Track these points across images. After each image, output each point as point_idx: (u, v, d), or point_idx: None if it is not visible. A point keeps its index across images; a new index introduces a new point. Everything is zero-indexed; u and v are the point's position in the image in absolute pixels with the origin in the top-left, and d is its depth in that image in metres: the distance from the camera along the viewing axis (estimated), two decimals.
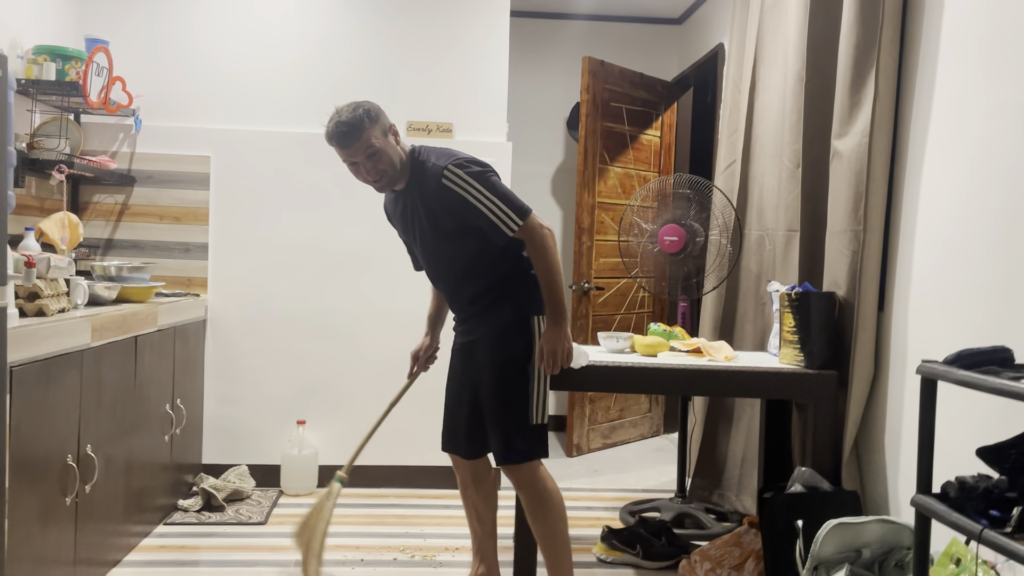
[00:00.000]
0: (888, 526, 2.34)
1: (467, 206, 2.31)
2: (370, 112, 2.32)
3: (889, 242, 2.71)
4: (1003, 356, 1.76)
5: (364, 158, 2.31)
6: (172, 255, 3.72)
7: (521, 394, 2.39)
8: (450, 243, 2.41)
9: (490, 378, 2.42)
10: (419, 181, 2.38)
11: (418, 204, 2.40)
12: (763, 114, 3.44)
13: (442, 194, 2.32)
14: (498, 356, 2.41)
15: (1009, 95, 2.15)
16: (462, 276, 2.45)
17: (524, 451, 2.38)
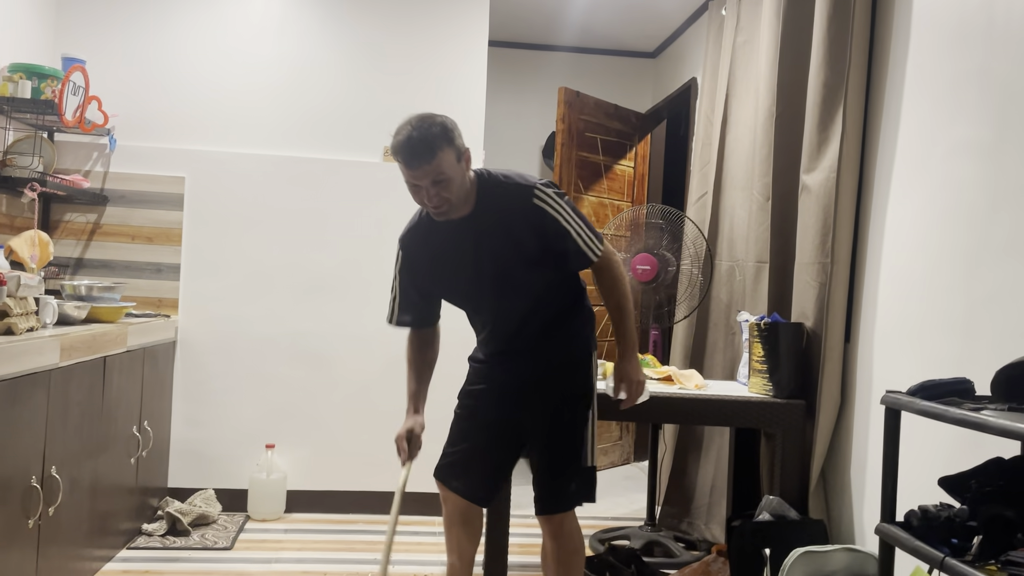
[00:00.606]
0: (854, 555, 2.38)
1: (559, 229, 2.15)
2: (448, 131, 2.05)
3: (855, 275, 2.77)
4: (964, 387, 1.81)
5: (430, 183, 2.04)
6: (143, 275, 3.69)
7: (582, 434, 2.26)
8: (530, 270, 2.20)
9: (557, 420, 2.25)
10: (497, 205, 2.15)
11: (494, 230, 2.16)
12: (734, 147, 3.51)
13: (532, 215, 2.13)
14: (567, 395, 2.26)
15: (969, 135, 2.23)
16: (534, 308, 2.25)
17: (580, 495, 2.26)
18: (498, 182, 2.17)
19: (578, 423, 2.25)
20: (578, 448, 2.25)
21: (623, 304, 2.25)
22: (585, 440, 2.25)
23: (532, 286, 2.22)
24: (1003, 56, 2.12)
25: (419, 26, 3.88)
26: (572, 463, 2.24)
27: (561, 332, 2.28)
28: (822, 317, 2.77)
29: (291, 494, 3.74)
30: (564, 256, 2.19)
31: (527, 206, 2.13)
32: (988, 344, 2.10)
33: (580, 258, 2.19)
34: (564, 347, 2.29)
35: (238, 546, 3.30)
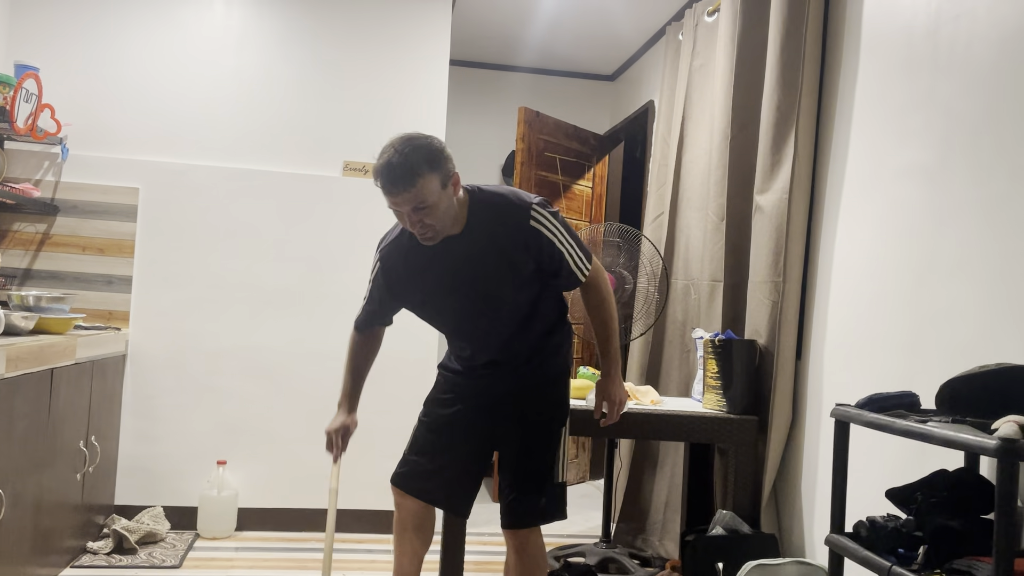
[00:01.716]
0: (804, 568, 2.41)
1: (554, 252, 2.13)
2: (433, 155, 1.98)
3: (807, 293, 2.84)
4: (910, 401, 1.87)
5: (410, 209, 1.98)
6: (93, 287, 3.62)
7: (555, 451, 2.26)
8: (520, 291, 2.18)
9: (530, 436, 2.25)
10: (490, 224, 2.12)
11: (486, 250, 2.12)
12: (690, 169, 3.58)
13: (528, 237, 2.10)
14: (546, 411, 2.27)
15: (915, 158, 2.31)
16: (520, 328, 2.23)
17: (549, 511, 2.26)
18: (492, 201, 2.13)
19: (552, 440, 2.25)
20: (550, 464, 2.25)
21: (609, 322, 2.24)
22: (557, 457, 2.26)
23: (521, 307, 2.20)
24: (947, 83, 2.20)
25: (380, 43, 3.89)
26: (543, 479, 2.24)
27: (542, 350, 2.28)
28: (774, 334, 2.83)
29: (242, 512, 3.68)
30: (555, 276, 2.18)
31: (523, 226, 2.09)
32: (934, 360, 2.16)
33: (571, 279, 2.18)
34: (543, 365, 2.29)
35: (187, 564, 3.23)
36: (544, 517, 2.25)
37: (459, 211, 2.09)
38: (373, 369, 2.46)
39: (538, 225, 2.09)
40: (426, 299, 2.25)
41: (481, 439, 2.32)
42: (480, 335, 2.26)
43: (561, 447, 2.27)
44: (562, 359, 2.32)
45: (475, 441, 2.32)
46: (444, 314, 2.29)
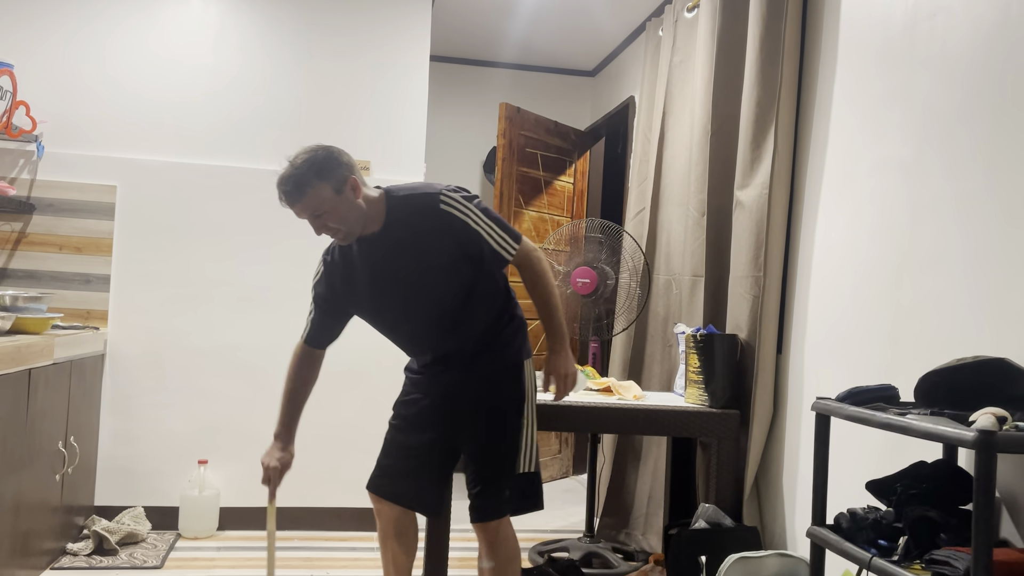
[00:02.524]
0: (786, 560, 2.43)
1: (468, 231, 2.17)
2: (321, 165, 2.09)
3: (787, 287, 2.86)
4: (889, 394, 1.89)
5: (310, 216, 2.11)
6: (71, 286, 3.58)
7: (515, 442, 2.26)
8: (448, 278, 2.22)
9: (486, 427, 2.27)
10: (405, 217, 2.19)
11: (406, 242, 2.20)
12: (671, 164, 3.59)
13: (441, 221, 2.16)
14: (494, 401, 2.27)
15: (893, 152, 2.33)
16: (453, 317, 2.26)
17: (510, 502, 2.26)
18: (405, 196, 2.22)
19: (509, 431, 2.26)
20: (511, 455, 2.25)
21: (548, 299, 2.27)
22: (519, 447, 2.26)
23: (455, 297, 2.23)
24: (923, 78, 2.22)
25: (360, 39, 3.87)
26: (504, 470, 2.25)
27: (489, 340, 2.29)
28: (755, 329, 2.85)
29: (224, 511, 3.65)
30: (480, 258, 2.21)
31: (435, 213, 2.16)
32: (912, 352, 2.19)
33: (496, 258, 2.22)
34: (493, 356, 2.29)
35: (169, 565, 3.20)
36: (509, 509, 2.26)
37: (373, 210, 2.18)
38: (356, 366, 2.46)
39: (449, 208, 2.16)
40: (364, 299, 2.30)
41: (444, 436, 2.33)
42: (423, 332, 2.30)
43: (524, 437, 2.27)
44: (514, 350, 2.32)
45: (439, 439, 2.34)
46: (385, 314, 2.32)
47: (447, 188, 2.20)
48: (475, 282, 2.24)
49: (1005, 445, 1.46)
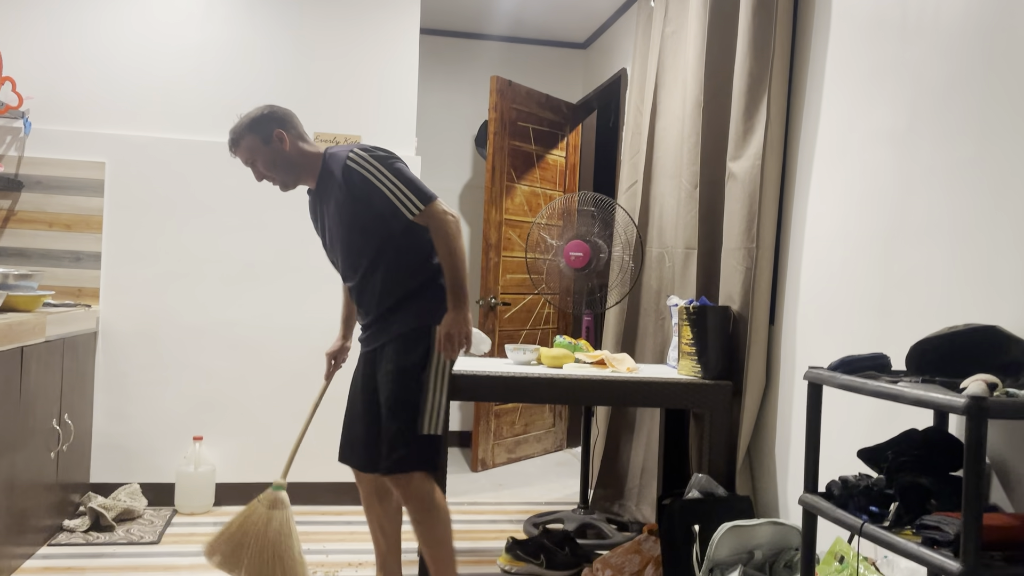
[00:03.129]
0: (778, 528, 2.46)
1: (370, 187, 2.32)
2: (255, 119, 2.42)
3: (779, 259, 2.87)
4: (881, 362, 1.90)
5: (247, 162, 2.45)
6: (61, 264, 3.56)
7: (413, 403, 2.35)
8: (355, 233, 2.40)
9: (386, 386, 2.39)
10: (328, 175, 2.40)
11: (328, 198, 2.42)
12: (663, 137, 3.58)
13: (347, 178, 2.34)
14: (396, 363, 2.38)
15: (885, 123, 2.32)
16: (368, 273, 2.42)
17: (411, 461, 2.36)
18: (332, 154, 2.42)
19: (410, 391, 2.35)
20: (411, 415, 2.34)
21: (446, 259, 2.33)
22: (420, 408, 2.35)
23: (361, 248, 2.40)
24: (915, 48, 2.22)
25: (349, 12, 3.83)
26: (405, 429, 2.34)
27: (399, 301, 2.40)
28: (748, 300, 2.86)
29: (220, 487, 3.67)
30: (382, 215, 2.34)
31: (344, 169, 2.34)
32: (904, 322, 2.20)
33: (396, 215, 2.33)
34: (404, 318, 2.40)
35: (165, 540, 3.22)
36: (405, 466, 2.35)
37: (308, 164, 2.44)
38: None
39: (354, 165, 2.33)
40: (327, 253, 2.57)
41: (369, 397, 2.50)
42: (354, 289, 2.49)
43: (426, 400, 2.35)
44: (422, 314, 2.39)
45: (367, 400, 2.50)
46: (337, 267, 2.55)
47: (359, 146, 2.37)
48: (386, 238, 2.37)
49: (995, 411, 1.47)
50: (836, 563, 2.14)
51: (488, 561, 3.12)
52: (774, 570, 2.42)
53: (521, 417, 4.87)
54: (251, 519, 2.51)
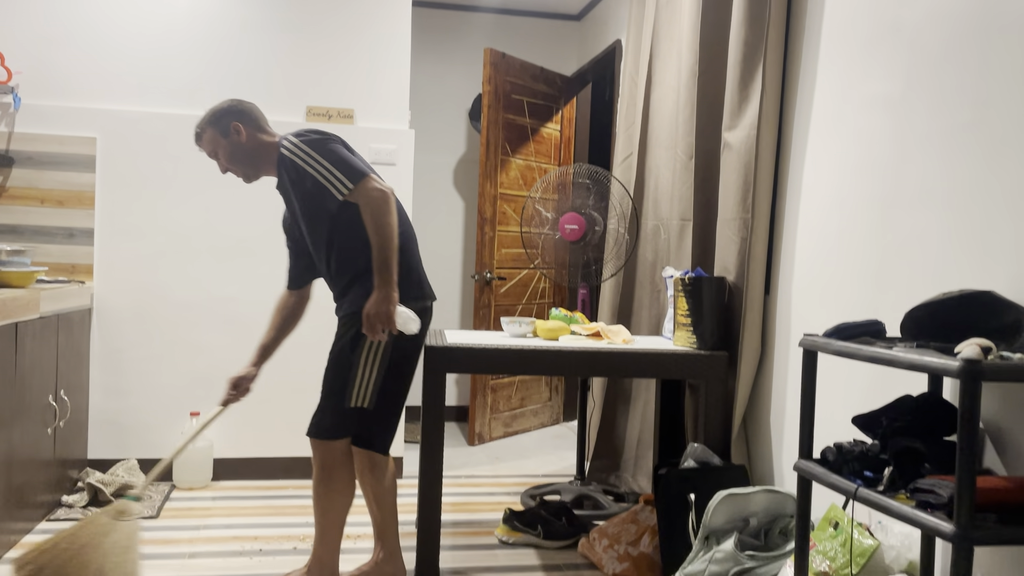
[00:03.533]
0: (773, 496, 2.48)
1: (302, 173, 2.35)
2: (215, 113, 2.48)
3: (775, 229, 2.86)
4: (876, 329, 1.90)
5: (210, 155, 2.52)
6: (54, 240, 3.54)
7: (343, 379, 2.42)
8: (308, 219, 2.45)
9: (332, 358, 2.46)
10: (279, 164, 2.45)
11: (283, 187, 2.48)
12: (658, 107, 3.56)
13: (282, 164, 2.39)
14: (336, 342, 2.45)
15: (881, 90, 2.31)
16: (328, 259, 2.46)
17: (331, 428, 2.44)
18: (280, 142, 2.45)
19: (341, 368, 2.42)
20: (341, 387, 2.42)
21: (372, 236, 2.32)
22: (352, 382, 2.41)
23: (321, 236, 2.44)
24: (911, 14, 2.20)
25: None
26: (335, 400, 2.43)
27: (351, 283, 2.43)
28: (743, 271, 2.85)
29: (218, 462, 3.68)
30: (318, 199, 2.37)
31: (278, 159, 2.41)
32: (899, 290, 2.20)
33: (327, 197, 2.36)
34: (350, 298, 2.44)
35: (164, 514, 3.23)
36: (324, 433, 2.45)
37: (266, 156, 2.48)
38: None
39: (287, 152, 2.37)
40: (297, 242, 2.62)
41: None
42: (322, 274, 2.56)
43: (358, 374, 2.41)
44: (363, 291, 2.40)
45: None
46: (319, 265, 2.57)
47: (292, 133, 2.41)
48: (333, 227, 2.41)
49: (989, 374, 1.48)
50: (831, 529, 2.16)
51: (486, 532, 3.14)
52: (769, 537, 2.44)
53: (517, 391, 4.89)
54: (87, 529, 2.22)
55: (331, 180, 2.34)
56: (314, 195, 2.38)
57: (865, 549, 2.02)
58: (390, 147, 3.81)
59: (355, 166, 2.35)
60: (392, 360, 2.45)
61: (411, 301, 2.43)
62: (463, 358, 2.73)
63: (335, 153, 2.35)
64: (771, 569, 2.30)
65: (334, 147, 2.37)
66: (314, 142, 2.36)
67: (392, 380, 2.47)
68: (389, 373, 2.46)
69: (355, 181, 2.33)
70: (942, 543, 1.94)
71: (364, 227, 2.37)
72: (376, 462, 2.52)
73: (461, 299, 5.26)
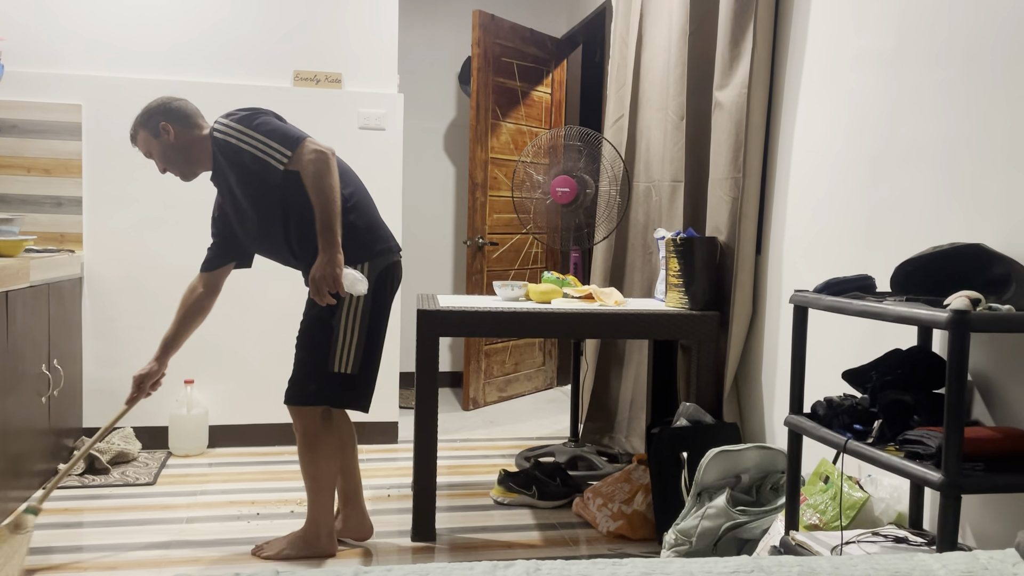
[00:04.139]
0: (764, 452, 2.50)
1: (237, 151, 2.33)
2: (144, 114, 2.45)
3: (766, 188, 2.86)
4: (866, 283, 1.91)
5: (146, 156, 2.49)
6: (42, 209, 3.52)
7: (324, 341, 2.41)
8: (256, 202, 2.40)
9: (303, 326, 2.47)
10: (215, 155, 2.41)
11: (220, 175, 2.44)
12: (649, 68, 3.53)
13: (218, 148, 2.36)
14: (311, 307, 2.44)
15: (873, 45, 2.30)
16: (285, 234, 2.43)
17: (314, 394, 2.46)
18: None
19: (322, 329, 2.42)
20: (323, 354, 2.42)
21: (314, 198, 2.29)
22: (330, 347, 2.41)
23: (266, 209, 2.40)
24: None
25: None
26: (313, 365, 2.44)
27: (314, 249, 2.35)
28: (735, 231, 2.86)
29: (213, 429, 3.70)
30: (261, 176, 2.34)
31: (214, 142, 2.38)
32: (889, 247, 2.20)
33: (268, 170, 2.33)
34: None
35: (161, 481, 3.25)
36: (307, 399, 2.46)
37: (199, 151, 2.44)
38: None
39: (220, 135, 2.36)
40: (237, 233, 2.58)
41: None
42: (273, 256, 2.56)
43: (339, 339, 2.41)
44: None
45: None
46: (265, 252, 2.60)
47: (226, 113, 2.38)
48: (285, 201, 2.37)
49: (977, 325, 1.49)
50: (821, 483, 2.18)
51: (481, 494, 3.17)
52: (761, 493, 2.47)
53: (511, 356, 4.91)
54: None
55: (268, 152, 2.31)
56: (255, 172, 2.34)
57: (855, 502, 2.05)
58: (379, 112, 3.78)
59: (290, 133, 2.33)
60: (371, 321, 2.46)
61: (374, 257, 2.44)
62: (455, 322, 2.73)
63: (266, 124, 2.33)
64: (762, 524, 2.33)
65: (265, 119, 2.35)
66: (243, 118, 2.35)
67: (371, 340, 2.48)
68: (370, 334, 2.47)
69: (292, 148, 2.30)
70: (931, 495, 1.96)
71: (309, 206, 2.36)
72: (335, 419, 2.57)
73: (454, 265, 5.25)
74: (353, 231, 2.41)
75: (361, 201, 2.48)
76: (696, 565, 1.11)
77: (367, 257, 2.43)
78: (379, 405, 3.64)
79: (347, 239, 2.38)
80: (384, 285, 2.50)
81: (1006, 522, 1.81)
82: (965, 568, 1.14)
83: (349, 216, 2.41)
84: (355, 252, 2.41)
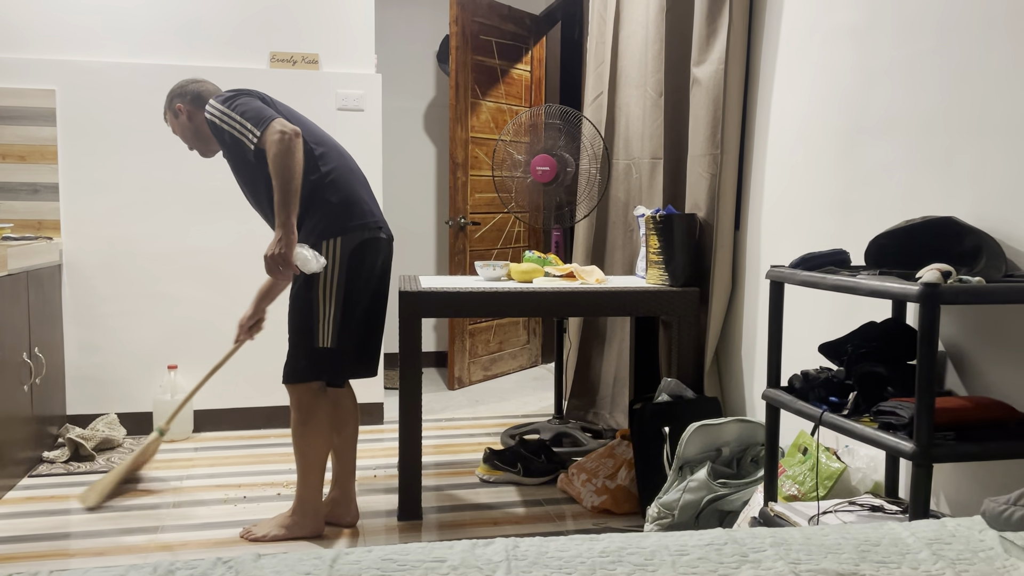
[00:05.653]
0: (744, 425, 2.54)
1: (221, 131, 2.42)
2: (168, 96, 2.62)
3: (744, 164, 2.87)
4: (841, 258, 1.93)
5: (176, 134, 2.66)
6: (19, 197, 3.48)
7: (306, 318, 2.46)
8: (243, 178, 2.53)
9: (292, 302, 2.51)
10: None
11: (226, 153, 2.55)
12: (627, 45, 3.52)
13: (213, 131, 2.47)
14: (293, 281, 2.49)
15: (846, 19, 2.30)
16: (268, 207, 2.47)
17: (305, 370, 2.50)
18: None
19: (301, 305, 2.47)
20: (307, 328, 2.47)
21: (274, 182, 2.31)
22: (313, 323, 2.46)
23: (251, 186, 2.51)
24: None
25: None
26: (300, 341, 2.49)
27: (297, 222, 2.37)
28: (713, 207, 2.87)
29: (198, 413, 3.70)
30: (242, 154, 2.43)
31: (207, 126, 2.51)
32: (864, 220, 2.23)
33: (243, 148, 2.41)
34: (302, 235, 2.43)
35: (148, 466, 3.25)
36: (299, 376, 2.51)
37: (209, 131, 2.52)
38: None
39: (209, 117, 2.45)
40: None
41: None
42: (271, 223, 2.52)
43: (319, 313, 2.45)
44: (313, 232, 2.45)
45: None
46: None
47: (217, 95, 2.49)
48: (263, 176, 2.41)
49: (948, 297, 1.51)
50: (799, 455, 2.22)
51: (467, 472, 3.19)
52: (741, 465, 2.51)
53: (496, 335, 4.93)
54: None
55: (243, 132, 2.37)
56: (235, 150, 2.46)
57: (832, 472, 2.09)
58: (357, 92, 3.76)
59: (263, 114, 2.36)
60: (347, 295, 2.48)
61: (347, 232, 2.46)
62: (437, 303, 2.74)
63: (244, 104, 2.39)
64: (743, 495, 2.37)
65: (244, 99, 2.41)
66: (227, 99, 2.42)
67: (347, 315, 2.50)
68: (347, 308, 2.48)
69: (261, 128, 2.34)
70: (905, 465, 2.00)
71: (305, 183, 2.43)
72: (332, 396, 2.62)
73: (436, 246, 5.25)
74: (326, 207, 2.46)
75: (340, 178, 2.50)
76: (671, 539, 1.13)
77: (339, 232, 2.45)
78: (364, 386, 3.65)
79: (320, 215, 2.45)
80: (361, 260, 2.50)
81: (979, 490, 1.85)
82: (933, 535, 1.16)
83: (325, 193, 2.46)
84: (327, 228, 2.45)
